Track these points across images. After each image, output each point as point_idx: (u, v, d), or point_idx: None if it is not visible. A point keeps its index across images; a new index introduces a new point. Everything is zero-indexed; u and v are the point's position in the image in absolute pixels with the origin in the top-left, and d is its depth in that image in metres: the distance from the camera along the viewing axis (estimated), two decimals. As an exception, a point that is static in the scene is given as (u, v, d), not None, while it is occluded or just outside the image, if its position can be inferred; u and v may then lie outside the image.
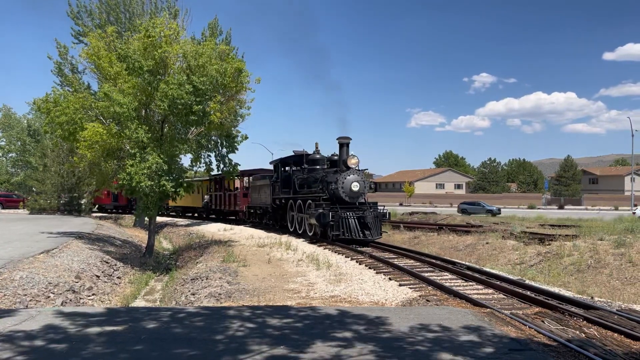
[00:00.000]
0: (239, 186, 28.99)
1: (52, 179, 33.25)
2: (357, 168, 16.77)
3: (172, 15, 24.11)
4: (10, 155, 47.25)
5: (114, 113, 14.14)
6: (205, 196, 34.31)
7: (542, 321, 6.47)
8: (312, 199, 17.43)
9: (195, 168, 18.22)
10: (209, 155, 17.53)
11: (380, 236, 16.53)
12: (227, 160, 17.36)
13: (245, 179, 27.96)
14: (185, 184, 15.82)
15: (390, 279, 10.02)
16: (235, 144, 17.39)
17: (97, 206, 43.93)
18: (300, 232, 18.85)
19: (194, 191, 35.34)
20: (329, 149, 26.01)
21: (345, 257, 13.41)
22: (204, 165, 17.43)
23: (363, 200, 16.95)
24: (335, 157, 18.01)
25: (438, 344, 5.04)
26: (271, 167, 23.73)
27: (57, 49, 24.80)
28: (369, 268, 11.44)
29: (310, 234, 17.60)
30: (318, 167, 19.46)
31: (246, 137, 17.98)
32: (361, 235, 15.69)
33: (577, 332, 5.98)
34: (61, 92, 16.79)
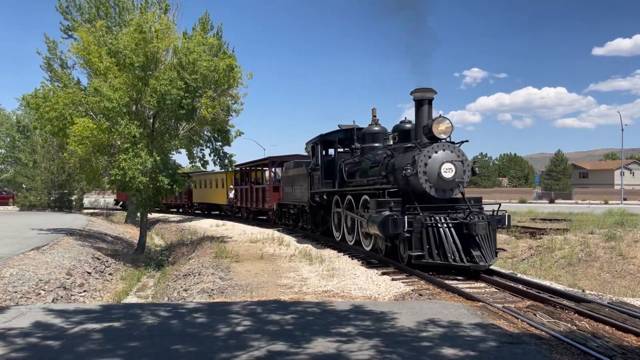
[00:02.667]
0: (268, 178, 23.66)
1: (42, 176, 33.03)
2: (448, 139, 10.40)
3: (162, 10, 23.95)
4: (-1, 151, 46.83)
5: (104, 108, 14.05)
6: (230, 191, 28.43)
7: (534, 314, 6.50)
8: (369, 193, 11.62)
9: (192, 163, 18.15)
10: (202, 150, 17.48)
11: (496, 258, 10.03)
12: (222, 154, 17.27)
13: (279, 170, 22.90)
14: (180, 180, 15.84)
15: (382, 273, 10.04)
16: (229, 139, 17.34)
17: (120, 203, 43.13)
18: (351, 242, 13.01)
19: (218, 185, 30.33)
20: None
21: (338, 251, 13.41)
22: (198, 160, 17.37)
23: (460, 195, 10.66)
24: (408, 126, 12.09)
25: (432, 337, 5.05)
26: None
27: (45, 44, 24.58)
28: (362, 263, 11.45)
29: (367, 249, 11.85)
30: (377, 144, 13.36)
31: (241, 133, 17.94)
32: (465, 258, 9.17)
33: (569, 325, 6.02)
34: (50, 87, 16.65)
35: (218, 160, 17.54)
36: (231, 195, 28.13)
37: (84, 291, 11.15)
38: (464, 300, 7.36)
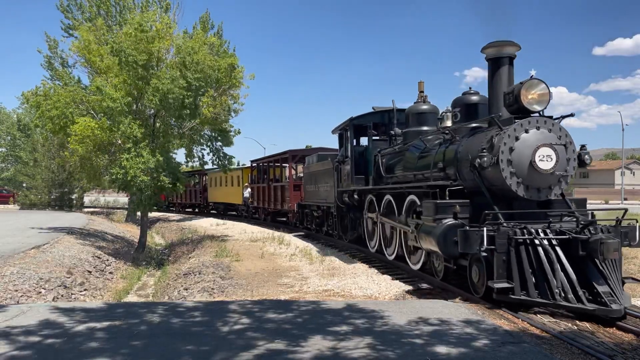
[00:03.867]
0: (288, 175, 21.56)
1: (42, 174, 33.09)
2: (542, 113, 7.25)
3: (163, 9, 23.94)
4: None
5: (105, 107, 14.07)
6: (245, 189, 26.05)
7: (535, 314, 6.49)
8: (418, 192, 8.76)
9: (189, 163, 18.16)
10: (202, 149, 17.51)
11: (628, 295, 6.52)
12: (221, 154, 17.30)
13: (300, 166, 20.69)
14: (182, 179, 15.92)
15: (383, 272, 10.04)
16: (230, 138, 17.36)
17: None
18: (391, 257, 10.40)
19: (234, 183, 27.73)
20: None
21: (339, 250, 13.41)
22: (198, 159, 17.41)
23: (559, 197, 7.45)
24: (475, 98, 8.86)
25: (433, 336, 5.06)
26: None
27: (46, 42, 24.56)
28: (362, 262, 11.45)
29: (415, 267, 9.13)
30: (426, 127, 10.33)
31: (239, 132, 17.95)
32: (584, 296, 6.01)
33: (569, 324, 6.02)
34: (51, 85, 16.68)
35: (217, 161, 17.55)
36: (246, 194, 25.75)
37: (85, 290, 11.16)
38: (464, 299, 7.36)
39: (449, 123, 8.95)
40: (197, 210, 35.15)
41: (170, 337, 5.07)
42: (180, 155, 61.73)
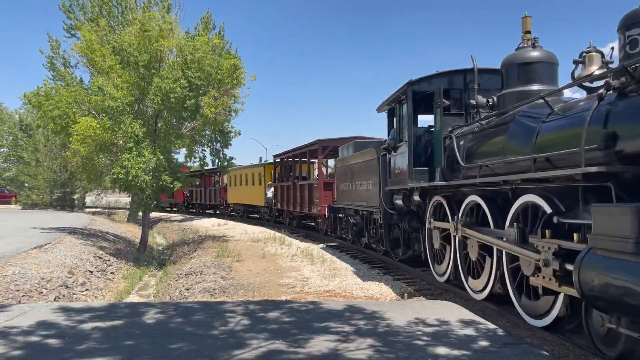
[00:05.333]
0: (317, 172, 18.46)
1: (44, 174, 33.17)
2: None
3: (165, 9, 23.99)
4: (1, 150, 46.92)
5: (107, 107, 14.11)
6: (268, 189, 22.93)
7: (536, 315, 6.45)
8: (543, 190, 5.36)
9: (189, 163, 18.21)
10: (204, 150, 17.57)
11: None
12: (221, 155, 17.36)
13: (330, 161, 17.84)
14: (182, 178, 15.96)
15: (384, 273, 10.04)
16: (229, 139, 17.40)
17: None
18: (481, 294, 6.92)
19: (255, 181, 24.66)
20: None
21: (340, 251, 13.40)
22: (198, 160, 17.47)
23: None
24: None
25: (434, 337, 5.04)
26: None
27: (49, 43, 24.64)
28: (364, 262, 11.45)
29: (538, 323, 5.50)
30: (536, 87, 6.51)
31: (239, 133, 17.98)
32: None
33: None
34: (53, 85, 16.72)
35: (217, 162, 17.63)
36: (269, 194, 22.62)
37: (86, 290, 11.16)
38: (465, 301, 7.35)
39: (594, 68, 5.45)
40: (217, 212, 32.27)
41: (169, 337, 5.06)
42: (181, 156, 61.97)
